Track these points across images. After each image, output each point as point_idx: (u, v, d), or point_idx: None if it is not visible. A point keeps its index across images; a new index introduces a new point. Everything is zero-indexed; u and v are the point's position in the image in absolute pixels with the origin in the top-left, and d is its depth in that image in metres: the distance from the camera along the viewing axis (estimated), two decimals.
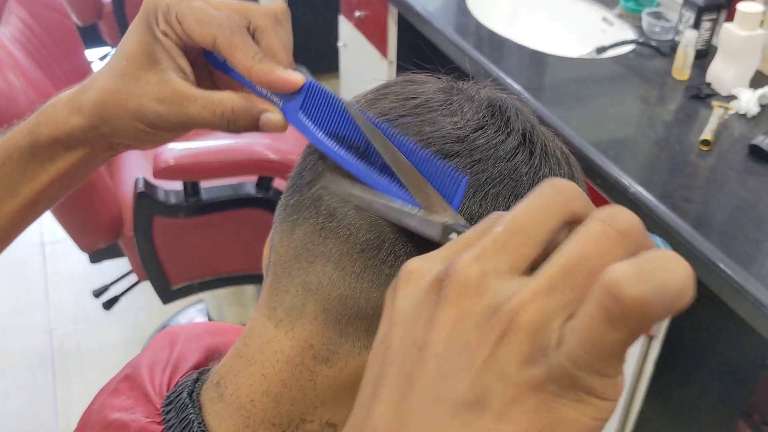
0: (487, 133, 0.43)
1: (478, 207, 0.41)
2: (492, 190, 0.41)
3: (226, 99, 0.47)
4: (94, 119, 0.50)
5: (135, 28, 0.49)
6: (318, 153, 0.45)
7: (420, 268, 0.31)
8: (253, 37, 0.48)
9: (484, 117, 0.44)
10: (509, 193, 0.42)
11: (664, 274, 0.25)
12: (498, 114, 0.44)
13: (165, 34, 0.48)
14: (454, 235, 0.37)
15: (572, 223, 0.29)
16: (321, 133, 0.44)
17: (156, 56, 0.48)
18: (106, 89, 0.49)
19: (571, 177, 0.46)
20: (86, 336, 2.17)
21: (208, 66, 0.52)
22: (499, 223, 0.29)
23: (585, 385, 0.26)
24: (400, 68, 2.09)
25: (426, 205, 0.39)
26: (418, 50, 2.03)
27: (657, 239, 0.44)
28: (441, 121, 0.43)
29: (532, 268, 0.28)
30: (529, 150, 0.44)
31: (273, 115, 0.47)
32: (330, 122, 0.44)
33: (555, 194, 0.29)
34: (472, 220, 0.41)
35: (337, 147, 0.43)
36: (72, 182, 0.58)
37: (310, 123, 0.45)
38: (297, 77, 0.45)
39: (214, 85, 0.52)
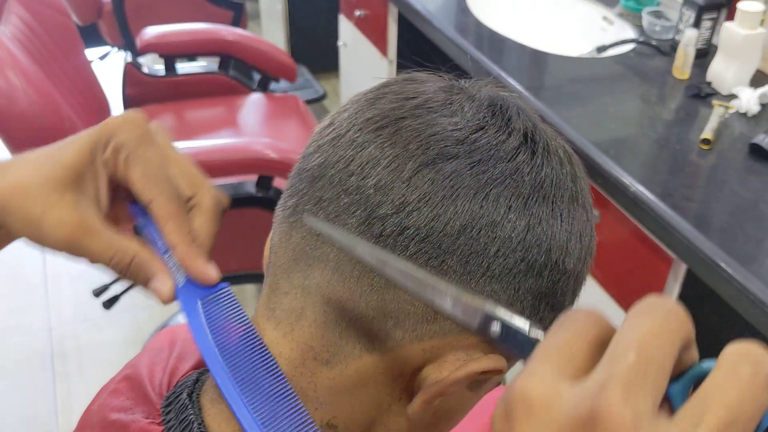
0: (488, 133, 0.43)
1: (480, 208, 0.41)
2: (493, 191, 0.41)
3: (130, 249, 0.45)
4: None
5: (79, 141, 0.45)
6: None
7: (543, 394, 0.28)
8: (190, 210, 0.46)
9: (485, 117, 0.43)
10: (511, 194, 0.42)
11: None
12: (499, 113, 0.44)
13: (105, 164, 0.45)
14: (495, 325, 0.35)
15: (686, 346, 0.29)
16: (209, 330, 0.44)
17: (83, 179, 0.45)
18: (22, 182, 0.45)
19: (574, 176, 0.45)
20: (86, 335, 2.16)
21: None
22: (623, 348, 0.28)
23: None
24: (401, 67, 2.09)
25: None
26: (419, 49, 2.03)
27: None
28: (441, 123, 0.42)
29: None
30: (531, 149, 0.43)
31: (164, 287, 0.45)
32: (226, 331, 0.44)
33: (675, 318, 0.29)
34: (474, 221, 0.41)
35: (216, 352, 0.43)
36: None
37: (203, 316, 0.44)
38: (213, 275, 0.45)
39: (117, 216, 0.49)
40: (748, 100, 1.34)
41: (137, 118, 0.45)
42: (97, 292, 2.04)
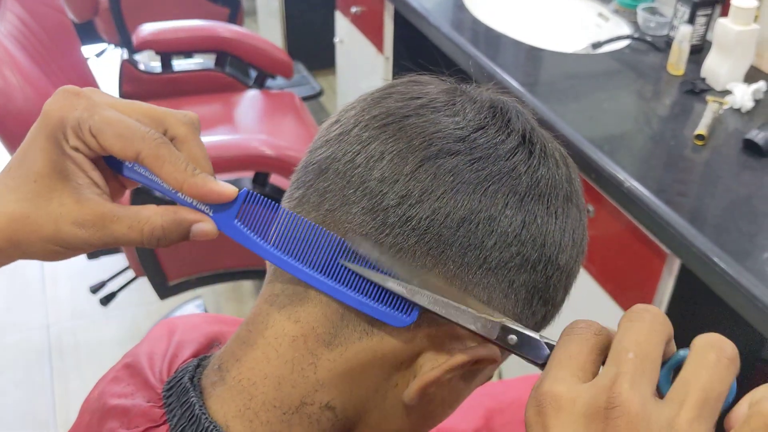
0: (488, 133, 0.45)
1: (478, 203, 0.43)
2: (491, 187, 0.43)
3: (154, 216, 0.44)
4: (1, 244, 0.44)
5: (37, 144, 0.43)
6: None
7: (567, 393, 0.36)
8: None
9: (486, 118, 0.45)
10: (508, 191, 0.43)
11: None
12: (499, 115, 0.46)
13: (76, 149, 0.43)
14: (513, 338, 0.41)
15: (667, 342, 0.37)
16: (261, 239, 0.45)
17: (67, 173, 0.43)
18: (15, 215, 0.43)
19: (569, 177, 0.47)
20: (83, 332, 2.17)
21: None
22: (624, 349, 0.36)
23: None
24: (397, 64, 2.09)
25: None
26: (415, 46, 2.03)
27: None
28: (444, 121, 0.45)
29: None
30: (529, 150, 0.45)
31: (205, 225, 0.44)
32: (274, 228, 0.44)
33: (658, 320, 0.37)
34: (473, 215, 0.42)
35: (280, 253, 0.44)
36: None
37: (247, 230, 0.45)
38: (231, 188, 0.44)
39: (122, 185, 0.48)
40: (742, 95, 1.34)
41: (70, 90, 0.44)
42: (94, 289, 2.04)
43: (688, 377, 0.35)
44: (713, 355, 0.35)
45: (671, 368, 0.38)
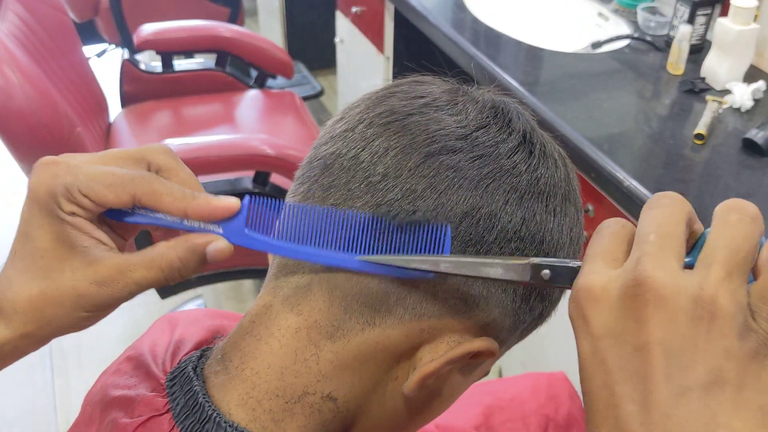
0: (490, 132, 0.46)
1: (480, 199, 0.44)
2: (492, 184, 0.44)
3: (166, 251, 0.45)
4: (28, 327, 0.45)
5: (34, 221, 0.44)
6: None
7: (600, 282, 0.36)
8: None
9: (487, 117, 0.47)
10: (509, 188, 0.44)
11: None
12: (500, 115, 0.47)
13: (73, 214, 0.43)
14: (546, 272, 0.40)
15: (690, 220, 0.37)
16: (276, 240, 0.45)
17: (72, 240, 0.44)
18: (33, 295, 0.44)
19: (567, 177, 0.48)
20: (84, 332, 2.16)
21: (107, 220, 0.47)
22: (645, 232, 0.36)
23: None
24: (397, 64, 2.10)
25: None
26: (415, 46, 2.03)
27: None
28: (446, 120, 0.46)
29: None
30: (529, 150, 0.46)
31: (218, 243, 0.45)
32: (285, 224, 0.45)
33: (676, 203, 0.37)
34: (474, 211, 0.43)
35: (301, 247, 0.44)
36: None
37: (260, 235, 0.45)
38: (233, 200, 0.45)
39: (122, 237, 0.49)
40: (742, 95, 1.35)
41: (47, 161, 0.44)
42: None
43: (712, 242, 0.35)
44: (734, 215, 0.35)
45: (701, 248, 0.37)
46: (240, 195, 1.56)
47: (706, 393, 0.33)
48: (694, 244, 0.38)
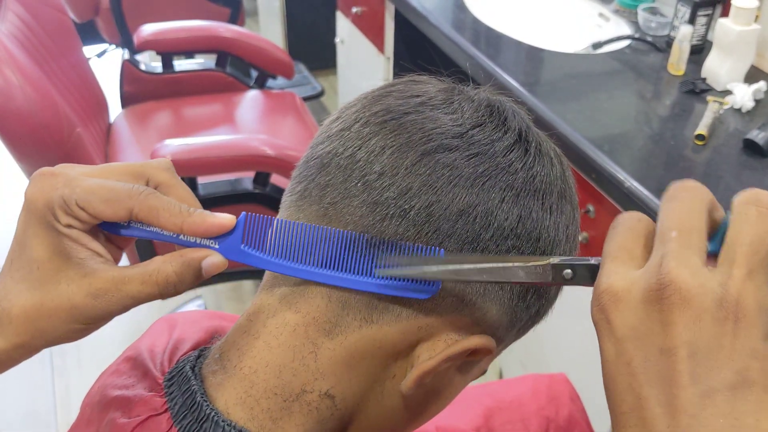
0: (485, 130, 0.46)
1: (476, 197, 0.44)
2: (488, 182, 0.44)
3: (162, 265, 0.45)
4: (22, 338, 0.45)
5: (30, 232, 0.44)
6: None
7: (622, 283, 0.36)
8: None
9: (483, 116, 0.47)
10: (504, 186, 0.44)
11: None
12: (496, 113, 0.47)
13: (69, 226, 0.43)
14: (568, 272, 0.40)
15: (711, 210, 0.36)
16: (272, 257, 0.45)
17: (68, 252, 0.44)
18: (27, 306, 0.44)
19: (563, 175, 0.49)
20: None
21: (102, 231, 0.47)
22: (667, 229, 0.35)
23: None
24: (398, 64, 2.10)
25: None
26: (416, 46, 2.03)
27: None
28: (442, 118, 0.46)
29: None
30: (524, 148, 0.46)
31: (213, 258, 0.45)
32: (279, 240, 0.45)
33: (696, 193, 0.36)
34: (470, 208, 0.43)
35: (298, 264, 0.45)
36: None
37: (255, 251, 0.45)
38: (229, 218, 0.45)
39: (118, 248, 0.49)
40: (743, 95, 1.35)
41: (45, 172, 0.44)
42: None
43: (733, 238, 0.35)
44: (753, 209, 0.35)
45: (723, 236, 0.36)
46: (240, 196, 1.57)
47: (733, 394, 0.33)
48: (716, 231, 0.37)
